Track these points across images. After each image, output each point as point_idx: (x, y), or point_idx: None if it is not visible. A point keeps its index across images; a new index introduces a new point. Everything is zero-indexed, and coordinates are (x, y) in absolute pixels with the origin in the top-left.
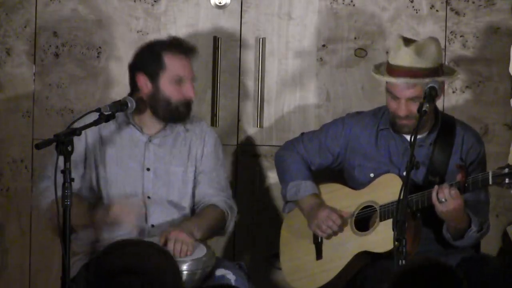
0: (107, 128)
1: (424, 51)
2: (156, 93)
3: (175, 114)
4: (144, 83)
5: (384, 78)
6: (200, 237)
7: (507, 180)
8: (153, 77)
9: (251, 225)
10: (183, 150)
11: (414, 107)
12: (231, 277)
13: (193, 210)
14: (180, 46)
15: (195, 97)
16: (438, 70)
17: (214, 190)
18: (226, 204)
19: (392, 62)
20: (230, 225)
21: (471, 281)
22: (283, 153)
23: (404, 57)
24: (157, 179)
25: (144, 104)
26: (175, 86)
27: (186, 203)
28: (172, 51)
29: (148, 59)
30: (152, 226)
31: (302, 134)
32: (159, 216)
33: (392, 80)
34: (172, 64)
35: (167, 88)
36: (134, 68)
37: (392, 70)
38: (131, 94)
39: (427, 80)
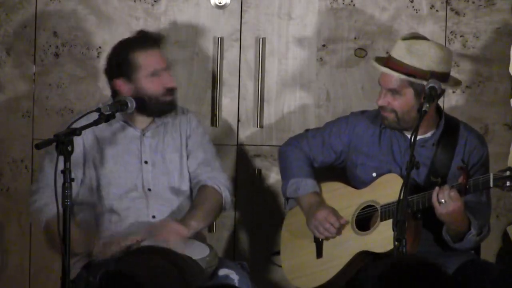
0: (100, 128)
1: (415, 49)
2: (138, 93)
3: (161, 107)
4: (124, 87)
5: (373, 64)
6: (204, 226)
7: (508, 183)
8: (131, 79)
9: (251, 224)
10: (175, 136)
11: (391, 100)
12: (234, 277)
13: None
14: (147, 40)
15: (195, 97)
16: (425, 74)
17: (204, 168)
18: (219, 182)
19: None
20: (228, 200)
21: None
22: (286, 148)
23: (395, 49)
24: (156, 170)
25: None
26: (153, 79)
27: (186, 186)
28: (141, 47)
29: (121, 63)
30: (153, 217)
31: (307, 130)
32: (159, 206)
33: (378, 67)
34: (145, 60)
35: (146, 84)
36: (110, 75)
37: (386, 59)
38: (113, 96)
39: (402, 76)
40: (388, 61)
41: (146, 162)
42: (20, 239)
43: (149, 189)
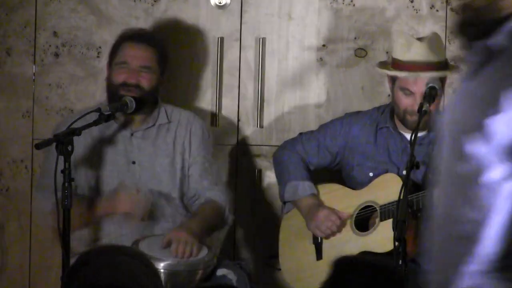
0: (97, 128)
1: (435, 45)
2: (108, 78)
3: (118, 99)
4: (107, 72)
5: (402, 74)
6: (202, 237)
7: None
8: (110, 64)
9: (250, 225)
10: (168, 141)
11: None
12: (232, 277)
13: (183, 202)
14: (139, 36)
15: (195, 97)
16: (447, 63)
17: (208, 182)
18: (222, 198)
19: (404, 58)
20: (229, 219)
21: None
22: (281, 153)
23: (419, 52)
24: (144, 172)
25: None
26: (120, 69)
27: (176, 194)
28: (130, 40)
29: (111, 50)
30: (142, 220)
31: (301, 134)
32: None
33: (411, 74)
34: (122, 51)
35: (114, 71)
36: None
37: (404, 65)
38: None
39: (440, 73)
40: (415, 66)
41: (134, 163)
42: (20, 239)
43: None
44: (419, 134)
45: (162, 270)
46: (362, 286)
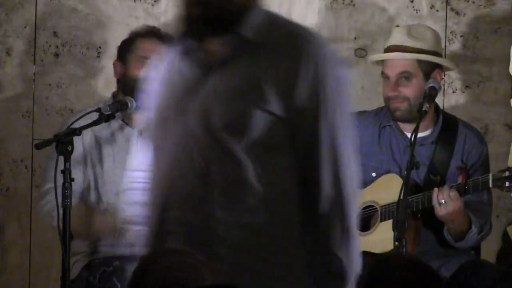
0: (99, 127)
1: (415, 32)
2: (125, 72)
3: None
4: (118, 68)
5: (375, 56)
6: None
7: (507, 183)
8: (124, 60)
9: None
10: None
11: (403, 88)
12: None
13: None
14: (153, 32)
15: None
16: (431, 53)
17: None
18: None
19: (385, 45)
20: None
21: None
22: None
23: (396, 36)
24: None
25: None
26: (140, 64)
27: None
28: (144, 36)
29: (122, 46)
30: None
31: None
32: None
33: (383, 55)
34: (140, 46)
35: (134, 66)
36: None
37: (386, 51)
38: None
39: (415, 55)
40: (391, 50)
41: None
42: (20, 239)
43: None
44: (422, 134)
45: None
46: (399, 283)
